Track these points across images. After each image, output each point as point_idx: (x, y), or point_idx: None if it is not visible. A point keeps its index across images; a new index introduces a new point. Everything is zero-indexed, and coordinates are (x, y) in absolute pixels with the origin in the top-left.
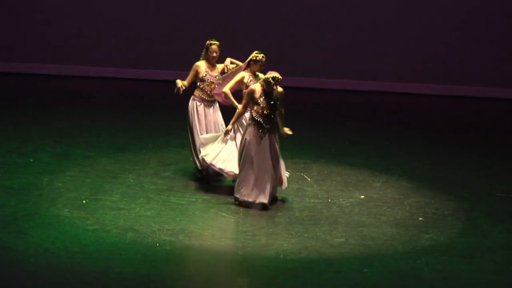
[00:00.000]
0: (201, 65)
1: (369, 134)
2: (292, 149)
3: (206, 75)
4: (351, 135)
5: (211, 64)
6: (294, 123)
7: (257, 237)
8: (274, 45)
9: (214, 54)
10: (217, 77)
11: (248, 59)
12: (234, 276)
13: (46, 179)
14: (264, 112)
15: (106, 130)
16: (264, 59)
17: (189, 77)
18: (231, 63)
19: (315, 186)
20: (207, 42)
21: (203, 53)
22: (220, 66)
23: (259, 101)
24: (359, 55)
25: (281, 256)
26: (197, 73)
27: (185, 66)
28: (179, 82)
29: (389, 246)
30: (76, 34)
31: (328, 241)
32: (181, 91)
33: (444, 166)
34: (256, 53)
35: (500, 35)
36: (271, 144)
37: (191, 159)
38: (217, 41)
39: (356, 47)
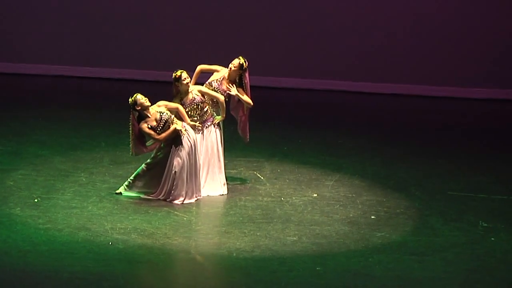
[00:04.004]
0: None
1: (322, 133)
2: (245, 148)
3: None
4: (303, 134)
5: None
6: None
7: (210, 236)
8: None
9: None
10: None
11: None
12: (187, 275)
13: None
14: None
15: (58, 129)
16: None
17: None
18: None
19: (268, 184)
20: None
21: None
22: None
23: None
24: (312, 53)
25: (234, 254)
26: None
27: (145, 65)
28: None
29: (341, 244)
30: (29, 31)
31: (281, 239)
32: None
33: (396, 165)
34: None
35: (463, 35)
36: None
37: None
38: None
39: (308, 46)
